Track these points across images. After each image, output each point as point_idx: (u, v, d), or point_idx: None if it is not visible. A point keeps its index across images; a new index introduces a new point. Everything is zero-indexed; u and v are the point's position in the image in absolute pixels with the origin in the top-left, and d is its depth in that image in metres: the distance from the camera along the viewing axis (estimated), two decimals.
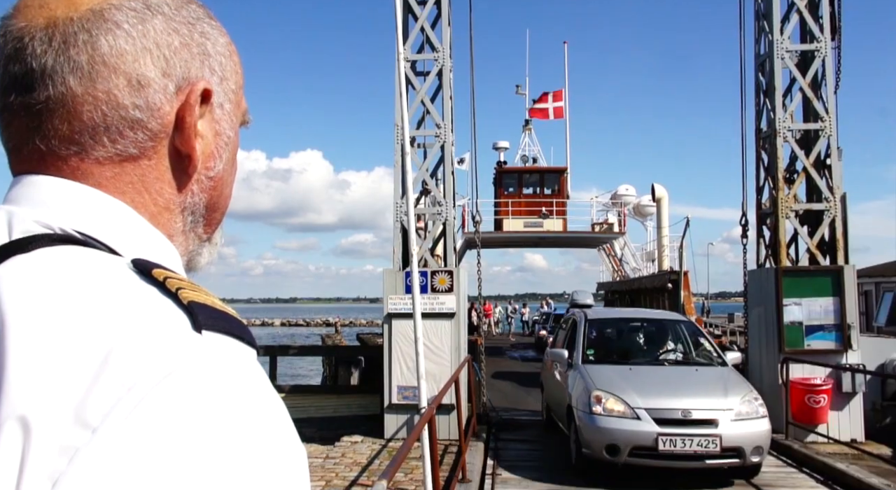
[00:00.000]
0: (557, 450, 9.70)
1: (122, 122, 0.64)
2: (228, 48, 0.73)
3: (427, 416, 5.42)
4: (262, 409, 0.55)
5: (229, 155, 0.74)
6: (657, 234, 25.14)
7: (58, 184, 0.64)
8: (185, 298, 0.56)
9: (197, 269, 0.77)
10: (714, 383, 8.62)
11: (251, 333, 0.60)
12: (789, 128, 11.30)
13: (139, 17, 0.65)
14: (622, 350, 10.22)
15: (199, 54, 0.69)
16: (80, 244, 0.60)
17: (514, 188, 26.51)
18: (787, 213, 11.17)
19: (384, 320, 11.15)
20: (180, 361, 0.51)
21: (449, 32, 11.51)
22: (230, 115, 0.73)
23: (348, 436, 10.93)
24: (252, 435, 0.53)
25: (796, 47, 11.43)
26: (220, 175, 0.73)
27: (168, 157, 0.67)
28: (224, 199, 0.76)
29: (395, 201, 11.22)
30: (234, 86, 0.74)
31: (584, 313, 10.58)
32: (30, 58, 0.63)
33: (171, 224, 0.69)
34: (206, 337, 0.54)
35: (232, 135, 0.74)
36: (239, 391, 0.53)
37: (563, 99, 30.13)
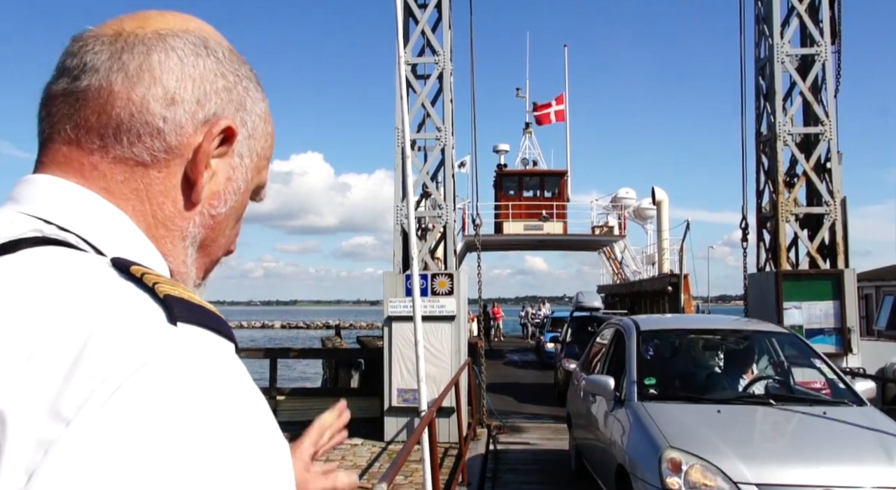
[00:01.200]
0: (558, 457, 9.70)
1: (146, 127, 0.68)
2: (265, 114, 0.79)
3: (427, 419, 5.42)
4: (237, 399, 0.55)
5: (235, 205, 0.76)
6: (657, 238, 25.15)
7: (61, 186, 0.67)
8: (162, 292, 0.57)
9: None
10: (861, 437, 5.22)
11: (229, 327, 0.61)
12: (789, 131, 11.31)
13: (195, 51, 0.72)
14: (698, 379, 6.68)
15: (236, 103, 0.74)
16: (67, 246, 0.61)
17: (515, 191, 26.53)
18: (787, 216, 11.18)
19: (384, 323, 11.15)
20: (154, 353, 0.52)
21: (449, 36, 11.53)
22: (248, 171, 0.77)
23: (348, 438, 10.87)
24: (226, 425, 0.53)
25: (796, 51, 11.44)
26: (222, 217, 0.75)
27: (178, 177, 0.71)
28: (217, 247, 0.78)
29: (395, 204, 11.23)
30: (261, 150, 0.78)
31: (634, 322, 7.14)
32: (87, 54, 0.69)
33: (167, 241, 0.71)
34: (181, 329, 0.55)
35: (243, 188, 0.77)
36: (213, 382, 0.54)
37: (564, 102, 30.16)
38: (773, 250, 11.46)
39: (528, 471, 9.05)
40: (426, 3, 11.45)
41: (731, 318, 8.24)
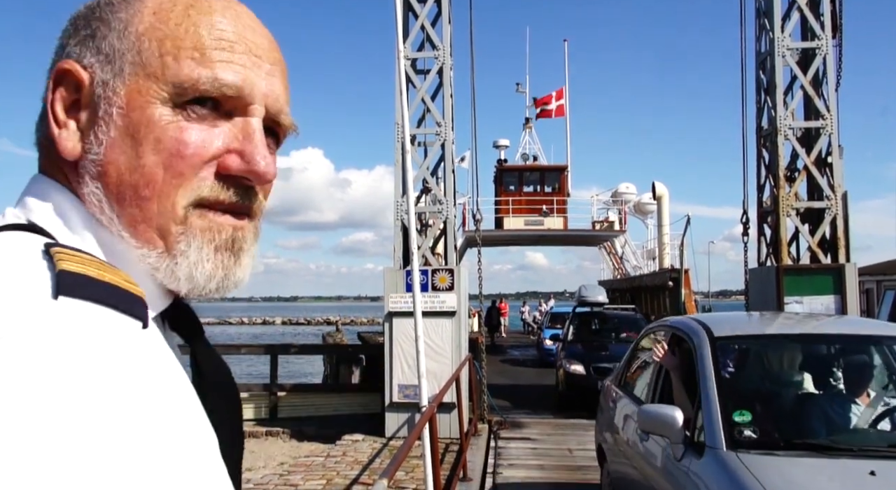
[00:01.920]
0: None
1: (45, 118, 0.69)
2: (135, 16, 0.68)
3: (428, 415, 5.41)
4: (102, 379, 0.52)
5: (118, 135, 0.66)
6: (658, 232, 25.13)
7: (35, 181, 0.69)
8: (59, 267, 0.56)
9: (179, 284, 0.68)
10: None
11: (135, 304, 0.59)
12: (790, 126, 11.28)
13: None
14: (817, 412, 4.25)
15: (86, 37, 0.69)
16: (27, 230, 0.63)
17: (515, 186, 26.50)
18: (788, 211, 11.15)
19: (385, 319, 11.14)
20: (16, 326, 0.51)
21: (449, 30, 11.49)
22: (121, 89, 0.67)
23: (349, 434, 10.93)
24: (65, 404, 0.50)
25: (797, 45, 11.40)
26: (108, 159, 0.66)
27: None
28: (132, 187, 0.66)
29: (395, 200, 11.21)
30: (150, 54, 0.67)
31: (703, 325, 4.68)
32: None
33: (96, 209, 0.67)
34: (60, 302, 0.54)
35: (124, 110, 0.66)
36: (77, 359, 0.52)
37: (564, 97, 30.11)
38: (773, 245, 11.44)
39: (529, 466, 9.05)
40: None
41: (840, 319, 6.53)
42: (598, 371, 12.58)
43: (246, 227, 0.72)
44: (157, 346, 0.62)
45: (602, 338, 14.54)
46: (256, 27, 0.72)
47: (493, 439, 10.57)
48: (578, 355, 13.49)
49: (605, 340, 14.29)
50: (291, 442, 11.82)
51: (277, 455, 10.95)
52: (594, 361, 13.07)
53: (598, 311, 15.85)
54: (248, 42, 0.70)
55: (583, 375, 12.97)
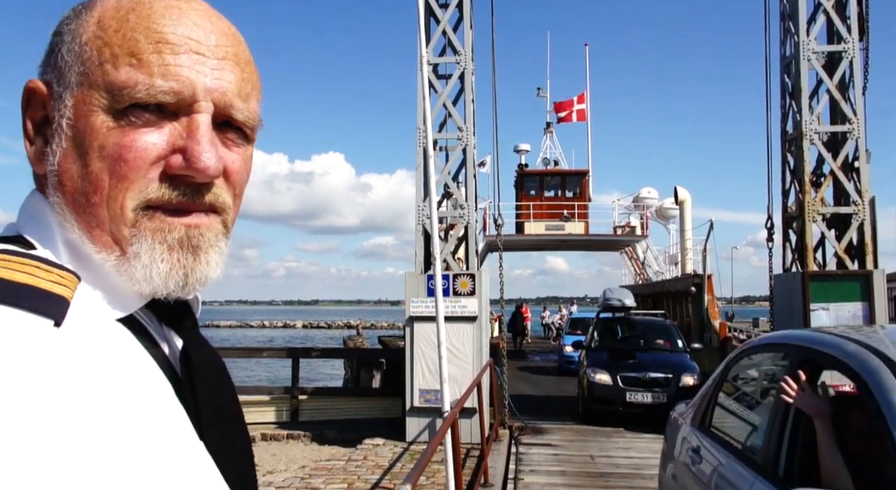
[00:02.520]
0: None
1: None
2: (76, 33, 0.70)
3: (450, 420, 5.40)
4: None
5: (69, 145, 0.68)
6: (680, 238, 24.94)
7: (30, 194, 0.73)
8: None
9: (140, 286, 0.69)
10: None
11: (49, 303, 0.60)
12: (816, 130, 11.15)
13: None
14: None
15: (48, 54, 0.71)
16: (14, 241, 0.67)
17: (536, 191, 26.43)
18: (813, 216, 11.02)
19: (406, 323, 11.15)
20: None
21: (471, 35, 11.51)
22: (68, 101, 0.68)
23: (370, 438, 10.94)
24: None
25: (823, 48, 11.27)
26: (62, 169, 0.68)
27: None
28: (83, 195, 0.68)
29: (417, 204, 11.22)
30: (86, 61, 0.68)
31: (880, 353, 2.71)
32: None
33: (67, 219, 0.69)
34: None
35: (72, 120, 0.68)
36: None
37: (585, 101, 30.00)
38: (799, 251, 11.30)
39: (551, 472, 9.00)
40: (447, 2, 11.44)
41: None
42: (626, 381, 12.04)
43: (204, 224, 0.72)
44: (79, 343, 0.60)
45: (629, 345, 13.54)
46: (203, 23, 0.71)
47: (514, 445, 10.52)
48: (604, 364, 12.61)
49: (632, 348, 13.31)
50: (312, 445, 11.86)
51: (298, 458, 10.99)
52: (621, 370, 12.24)
53: (624, 316, 14.79)
54: (191, 41, 0.69)
55: (609, 385, 12.12)
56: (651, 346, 13.42)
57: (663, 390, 11.85)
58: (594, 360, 12.90)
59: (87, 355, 0.60)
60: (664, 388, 11.88)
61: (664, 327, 14.49)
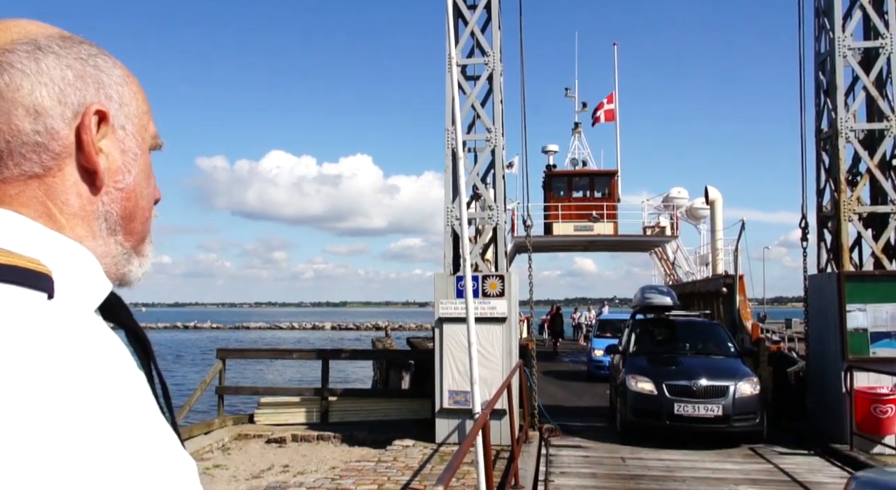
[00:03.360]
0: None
1: (24, 146, 0.72)
2: (125, 79, 0.82)
3: (481, 422, 5.39)
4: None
5: (140, 169, 0.82)
6: (711, 238, 24.61)
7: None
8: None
9: (131, 279, 0.84)
10: None
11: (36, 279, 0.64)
12: (852, 128, 10.95)
13: (32, 57, 0.74)
14: None
15: (94, 84, 0.78)
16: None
17: (564, 192, 26.31)
18: (849, 215, 10.82)
19: (435, 324, 11.16)
20: None
21: (499, 36, 11.49)
22: (134, 135, 0.82)
23: (399, 440, 10.96)
24: None
25: (859, 44, 11.07)
26: (131, 187, 0.81)
27: (75, 173, 0.76)
28: (140, 210, 0.82)
29: (446, 206, 11.23)
30: (136, 111, 0.83)
31: None
32: None
33: (83, 227, 0.76)
34: None
35: (139, 152, 0.82)
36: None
37: (614, 101, 29.79)
38: (834, 251, 11.11)
39: (581, 474, 8.94)
40: (475, 4, 11.44)
41: None
42: (673, 390, 10.53)
43: None
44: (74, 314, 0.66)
45: (672, 350, 12.13)
46: None
47: (544, 446, 10.48)
48: (645, 370, 11.09)
49: (676, 353, 11.94)
50: (342, 446, 11.92)
51: (329, 459, 11.05)
52: (667, 378, 10.72)
53: (663, 317, 13.35)
54: None
55: (653, 395, 10.58)
56: (697, 350, 12.09)
57: (718, 401, 10.35)
58: (633, 365, 11.42)
59: (84, 327, 0.65)
60: (719, 399, 10.37)
61: (711, 329, 13.04)
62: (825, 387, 10.81)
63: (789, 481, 8.63)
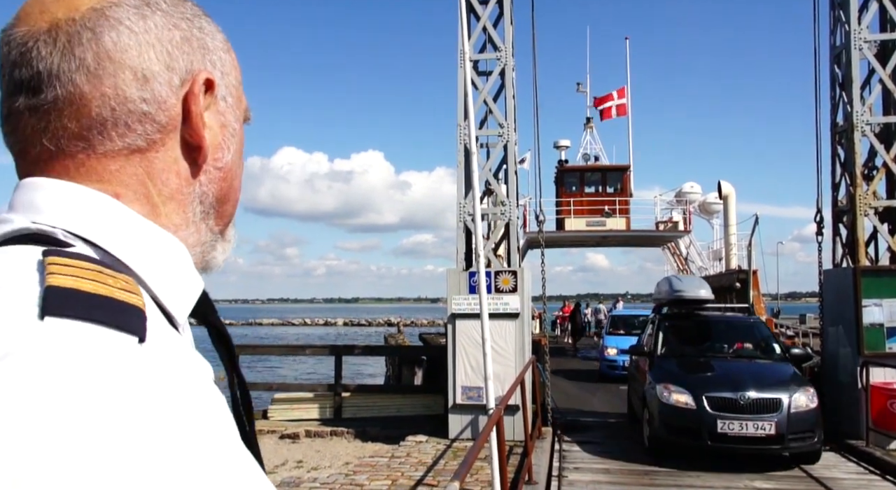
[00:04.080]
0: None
1: (131, 115, 0.65)
2: (225, 44, 0.75)
3: (495, 418, 5.39)
4: (88, 406, 0.49)
5: (236, 147, 0.75)
6: (724, 233, 24.49)
7: (52, 185, 0.64)
8: (47, 283, 0.53)
9: (214, 266, 0.76)
10: None
11: (131, 318, 0.55)
12: (868, 121, 10.85)
13: (139, 13, 0.66)
14: None
15: (200, 48, 0.70)
16: (45, 243, 0.59)
17: (576, 187, 26.23)
18: (865, 210, 10.73)
19: (448, 320, 11.16)
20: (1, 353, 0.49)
21: (511, 31, 11.46)
22: (233, 108, 0.75)
23: (412, 435, 10.99)
24: (60, 430, 0.47)
25: (875, 37, 10.96)
26: (229, 166, 0.74)
27: (177, 149, 0.68)
28: (234, 192, 0.76)
29: (458, 202, 11.23)
30: (235, 81, 0.76)
31: None
32: (35, 61, 0.63)
33: (178, 214, 0.69)
34: (45, 324, 0.51)
35: (237, 127, 0.75)
36: (61, 386, 0.49)
37: (626, 96, 29.66)
38: (850, 245, 11.02)
39: (595, 470, 8.93)
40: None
41: None
42: (716, 404, 8.76)
43: None
44: (163, 360, 0.56)
45: (707, 352, 10.46)
46: None
47: (557, 442, 10.47)
48: (679, 378, 9.40)
49: (712, 356, 10.29)
50: (356, 442, 11.96)
51: (342, 455, 11.09)
52: (707, 388, 8.99)
53: (696, 312, 11.55)
54: None
55: (690, 410, 8.83)
56: (737, 353, 10.46)
57: (770, 417, 8.61)
58: (663, 371, 9.71)
59: (173, 373, 0.57)
60: (771, 414, 8.63)
61: (752, 326, 11.09)
62: (840, 382, 10.74)
63: (805, 477, 8.59)
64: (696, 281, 12.12)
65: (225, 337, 0.72)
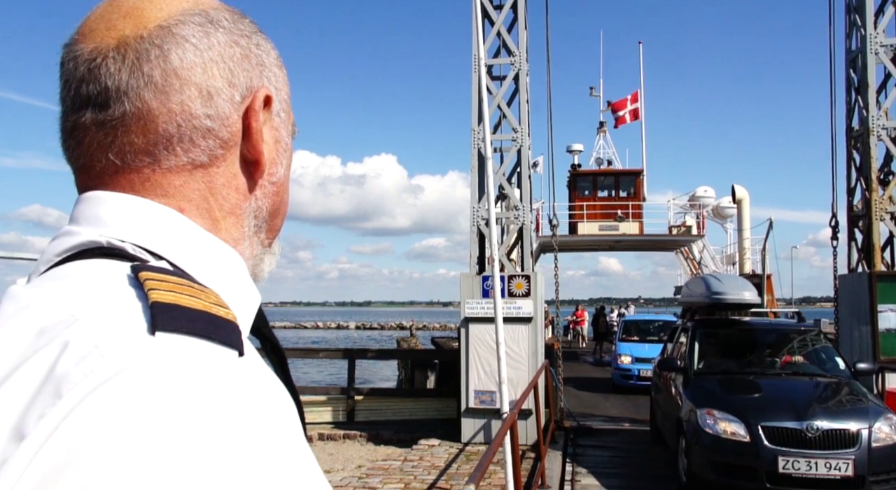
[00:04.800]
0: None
1: (196, 131, 0.66)
2: (279, 61, 0.76)
3: (509, 422, 5.41)
4: (205, 416, 0.51)
5: (287, 162, 0.77)
6: (738, 237, 24.42)
7: (117, 199, 0.66)
8: (152, 299, 0.55)
9: (261, 277, 0.77)
10: None
11: (230, 333, 0.57)
12: (884, 125, 10.80)
13: (204, 30, 0.68)
14: None
15: (258, 65, 0.72)
16: (119, 255, 0.61)
17: (589, 191, 26.19)
18: (881, 214, 10.67)
19: (461, 324, 11.18)
20: (120, 367, 0.50)
21: (525, 36, 11.49)
22: (286, 123, 0.76)
23: (425, 439, 11.00)
24: (187, 444, 0.49)
25: (892, 41, 10.91)
26: (282, 180, 0.75)
27: (236, 165, 0.70)
28: (284, 206, 0.78)
29: (471, 206, 11.25)
30: (286, 96, 0.77)
31: None
32: (104, 77, 0.65)
33: (237, 228, 0.71)
34: (157, 339, 0.53)
35: (289, 142, 0.77)
36: (180, 398, 0.51)
37: (640, 100, 29.61)
38: (866, 250, 10.95)
39: (608, 474, 8.91)
40: (502, 4, 11.45)
41: None
42: (775, 436, 6.94)
43: None
44: (256, 372, 0.60)
45: (755, 367, 8.64)
46: None
47: (570, 446, 10.46)
48: (727, 403, 7.52)
49: (763, 374, 8.40)
50: (368, 445, 11.99)
51: (355, 458, 11.12)
52: (763, 416, 7.12)
53: (737, 318, 9.90)
54: None
55: (744, 443, 7.01)
56: (793, 369, 8.59)
57: (847, 454, 6.75)
58: (704, 393, 7.88)
59: (265, 384, 0.61)
60: (847, 451, 6.77)
61: (807, 336, 9.20)
62: None
63: None
64: (738, 281, 10.17)
65: (277, 348, 0.74)
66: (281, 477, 0.56)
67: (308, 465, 0.62)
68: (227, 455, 0.51)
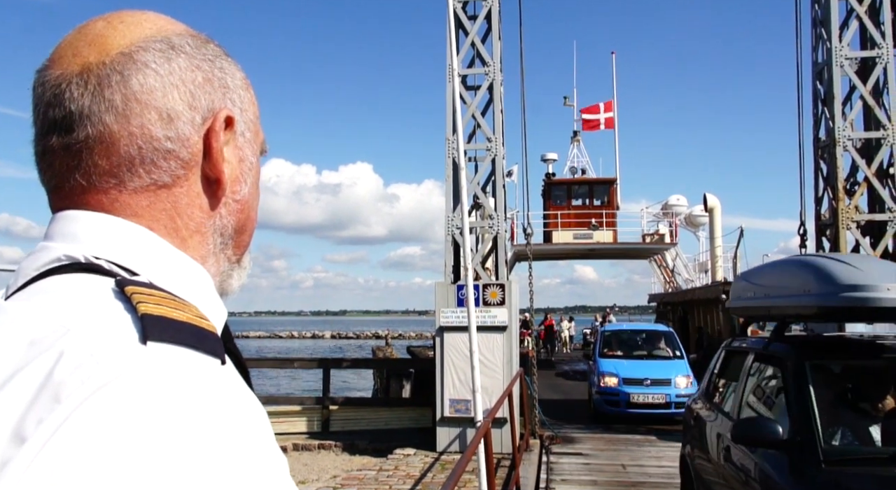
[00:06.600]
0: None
1: (156, 153, 0.69)
2: (244, 82, 0.78)
3: (483, 430, 5.42)
4: (195, 419, 0.54)
5: (253, 179, 0.79)
6: (710, 245, 24.70)
7: (90, 218, 0.68)
8: (141, 311, 0.58)
9: (229, 292, 0.80)
10: None
11: (214, 343, 0.61)
12: (849, 136, 11.03)
13: (165, 56, 0.70)
14: None
15: (221, 88, 0.74)
16: (95, 271, 0.63)
17: (563, 200, 26.39)
18: (847, 224, 10.89)
19: (436, 333, 11.19)
20: (116, 374, 0.53)
21: (499, 47, 11.58)
22: (251, 142, 0.78)
23: (400, 448, 10.98)
24: (177, 444, 0.52)
25: (856, 54, 11.17)
26: (246, 198, 0.78)
27: (199, 184, 0.72)
28: (251, 222, 0.80)
29: (446, 215, 11.28)
30: (252, 116, 0.79)
31: None
32: (68, 102, 0.67)
33: (203, 246, 0.73)
34: (149, 348, 0.56)
35: (254, 160, 0.79)
36: (171, 402, 0.54)
37: (613, 109, 29.92)
38: None
39: (582, 482, 8.96)
40: (476, 14, 11.53)
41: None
42: None
43: None
44: (235, 380, 0.64)
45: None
46: None
47: (544, 454, 10.49)
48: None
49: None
50: (343, 455, 11.93)
51: (330, 468, 11.06)
52: None
53: (877, 342, 4.96)
54: None
55: None
56: None
57: None
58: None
59: (242, 391, 0.64)
60: None
61: None
62: None
63: None
64: (882, 265, 5.30)
65: (241, 362, 0.76)
66: (262, 478, 0.60)
67: (283, 471, 0.66)
68: (216, 457, 0.55)
